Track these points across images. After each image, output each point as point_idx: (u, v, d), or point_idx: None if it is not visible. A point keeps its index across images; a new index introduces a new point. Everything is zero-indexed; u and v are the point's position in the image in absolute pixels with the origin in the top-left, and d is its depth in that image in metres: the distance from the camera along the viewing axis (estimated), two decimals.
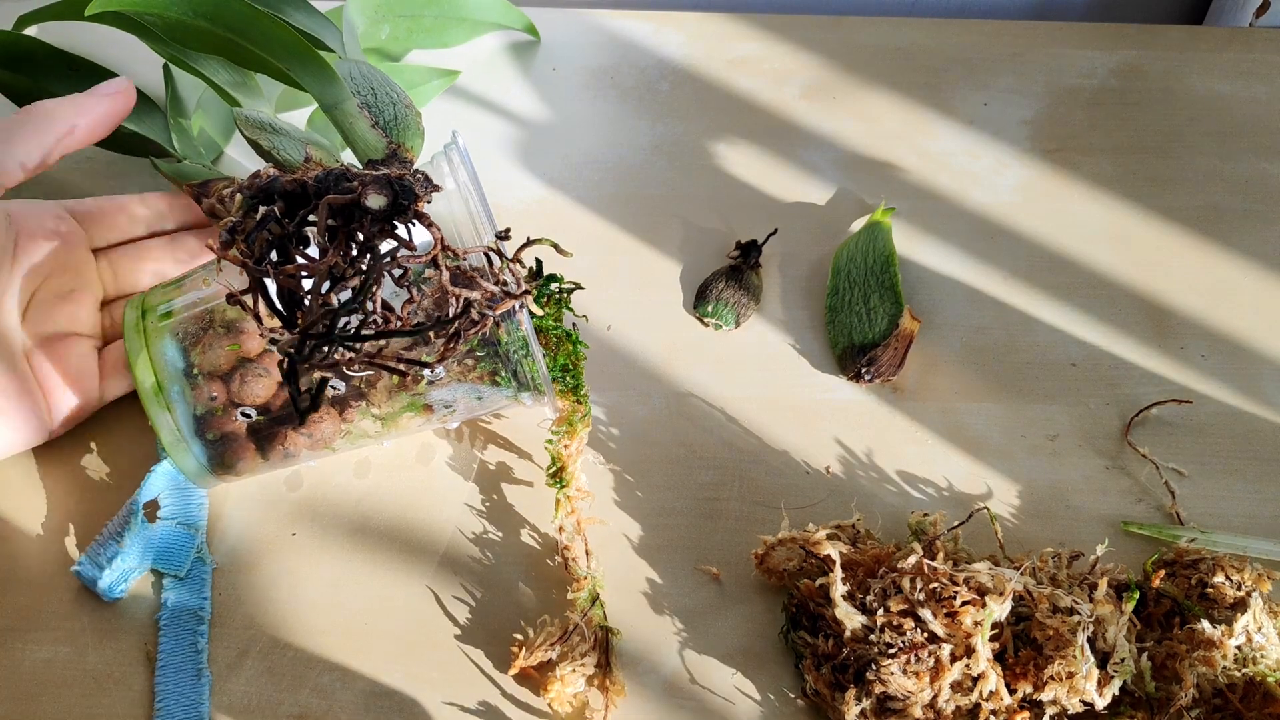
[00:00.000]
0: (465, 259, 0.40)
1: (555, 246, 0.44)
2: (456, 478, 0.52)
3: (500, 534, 0.51)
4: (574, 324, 0.52)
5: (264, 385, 0.45)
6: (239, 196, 0.39)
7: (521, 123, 0.67)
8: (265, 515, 0.51)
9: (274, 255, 0.38)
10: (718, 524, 0.51)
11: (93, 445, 0.53)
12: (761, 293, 0.59)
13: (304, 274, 0.38)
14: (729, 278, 0.58)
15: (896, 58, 0.70)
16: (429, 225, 0.39)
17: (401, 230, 0.39)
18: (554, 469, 0.49)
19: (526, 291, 0.42)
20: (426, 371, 0.46)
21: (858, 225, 0.62)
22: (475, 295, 0.40)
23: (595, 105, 0.68)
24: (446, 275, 0.40)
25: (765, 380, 0.56)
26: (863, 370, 0.55)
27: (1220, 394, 0.56)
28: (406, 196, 0.39)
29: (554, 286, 0.51)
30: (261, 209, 0.38)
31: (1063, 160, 0.65)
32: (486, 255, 0.42)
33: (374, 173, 0.39)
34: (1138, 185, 0.64)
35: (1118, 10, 0.80)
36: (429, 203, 0.40)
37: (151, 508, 0.49)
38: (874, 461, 0.53)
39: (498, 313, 0.41)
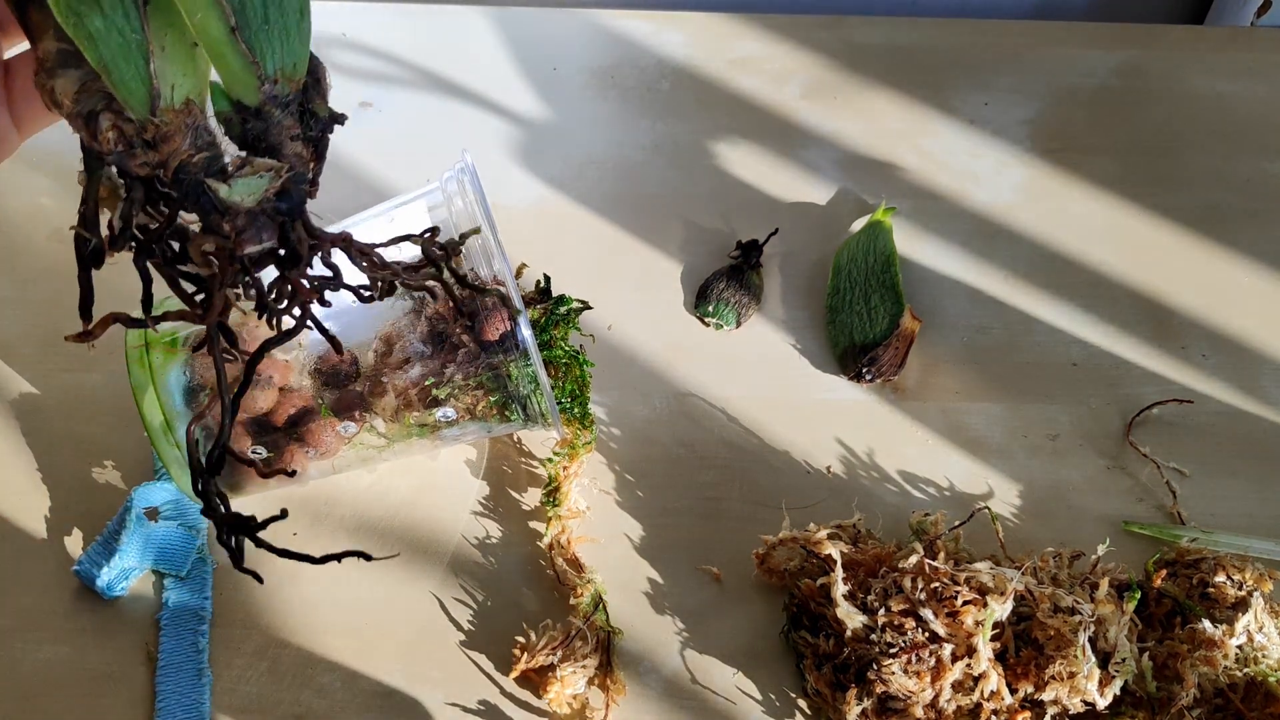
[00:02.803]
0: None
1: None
2: (462, 478, 0.52)
3: (504, 536, 0.51)
4: (581, 345, 0.52)
5: (266, 397, 0.45)
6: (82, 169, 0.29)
7: (522, 123, 0.67)
8: (266, 515, 0.51)
9: (152, 253, 0.29)
10: (718, 524, 0.51)
11: (93, 445, 0.53)
12: (762, 292, 0.59)
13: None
14: (730, 278, 0.58)
15: (897, 58, 0.70)
16: (329, 241, 0.31)
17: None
18: (550, 488, 0.50)
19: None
20: (438, 413, 0.46)
21: (858, 225, 0.62)
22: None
23: (596, 105, 0.68)
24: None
25: (766, 380, 0.56)
26: (863, 370, 0.55)
27: (1221, 394, 0.56)
28: (293, 225, 0.29)
29: (563, 309, 0.51)
30: (120, 208, 0.29)
31: (1063, 160, 0.65)
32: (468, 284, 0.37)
33: (245, 206, 0.28)
34: (1138, 185, 0.64)
35: (1118, 10, 0.80)
36: (314, 196, 0.31)
37: (153, 509, 0.49)
38: (875, 461, 0.53)
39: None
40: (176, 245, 0.29)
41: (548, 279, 0.52)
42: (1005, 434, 0.54)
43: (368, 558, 0.32)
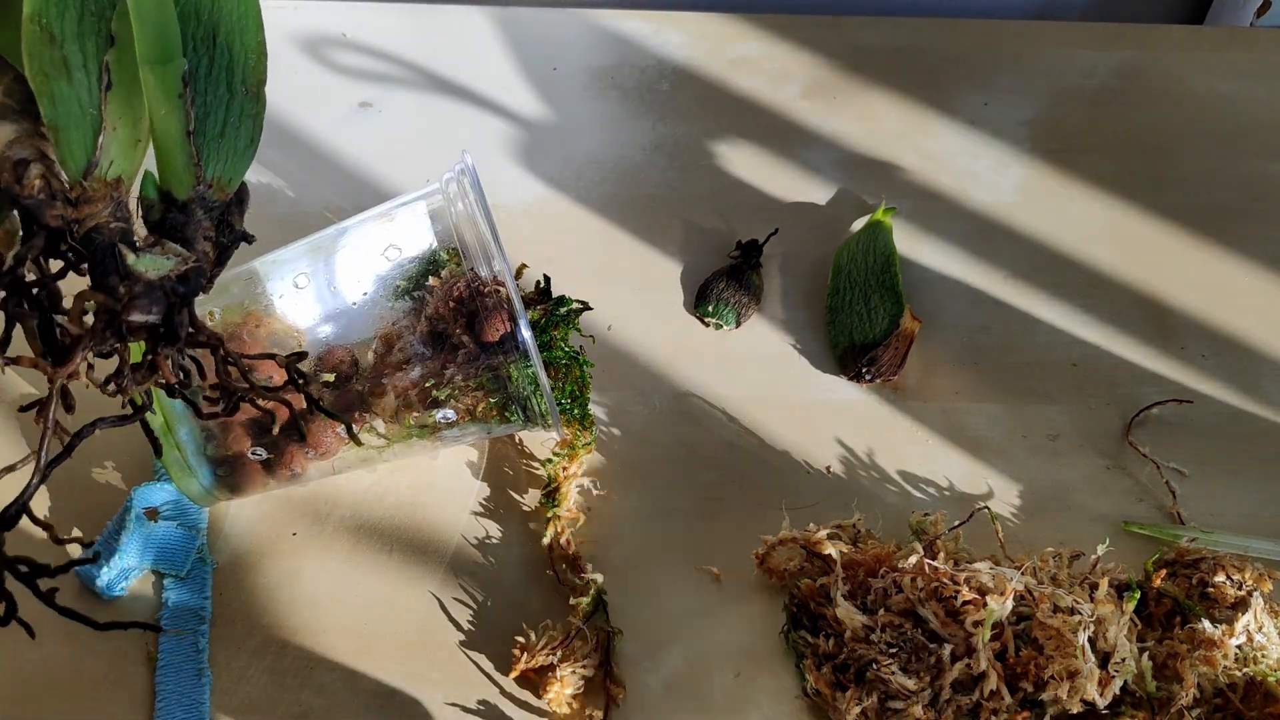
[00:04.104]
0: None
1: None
2: (461, 477, 0.52)
3: (504, 536, 0.51)
4: (580, 346, 0.52)
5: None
6: None
7: (522, 123, 0.67)
8: (266, 515, 0.51)
9: (19, 302, 0.31)
10: (718, 524, 0.51)
11: (93, 445, 0.52)
12: (762, 293, 0.59)
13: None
14: (730, 278, 0.58)
15: (897, 58, 0.70)
16: (206, 337, 0.33)
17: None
18: (549, 488, 0.50)
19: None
20: (438, 415, 0.46)
21: (858, 225, 0.62)
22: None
23: (596, 105, 0.68)
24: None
25: (766, 380, 0.56)
26: (863, 370, 0.55)
27: (1221, 394, 0.56)
28: (180, 310, 0.31)
29: (562, 310, 0.51)
30: (15, 249, 0.30)
31: (1063, 160, 0.65)
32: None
33: (147, 276, 0.30)
34: (1138, 185, 0.64)
35: (1118, 10, 0.80)
36: (206, 292, 0.33)
37: (153, 509, 0.49)
38: (875, 461, 0.53)
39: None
40: (44, 301, 0.31)
41: (548, 279, 0.52)
42: (1005, 434, 0.54)
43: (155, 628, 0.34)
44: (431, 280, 0.45)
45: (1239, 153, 0.65)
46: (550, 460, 0.50)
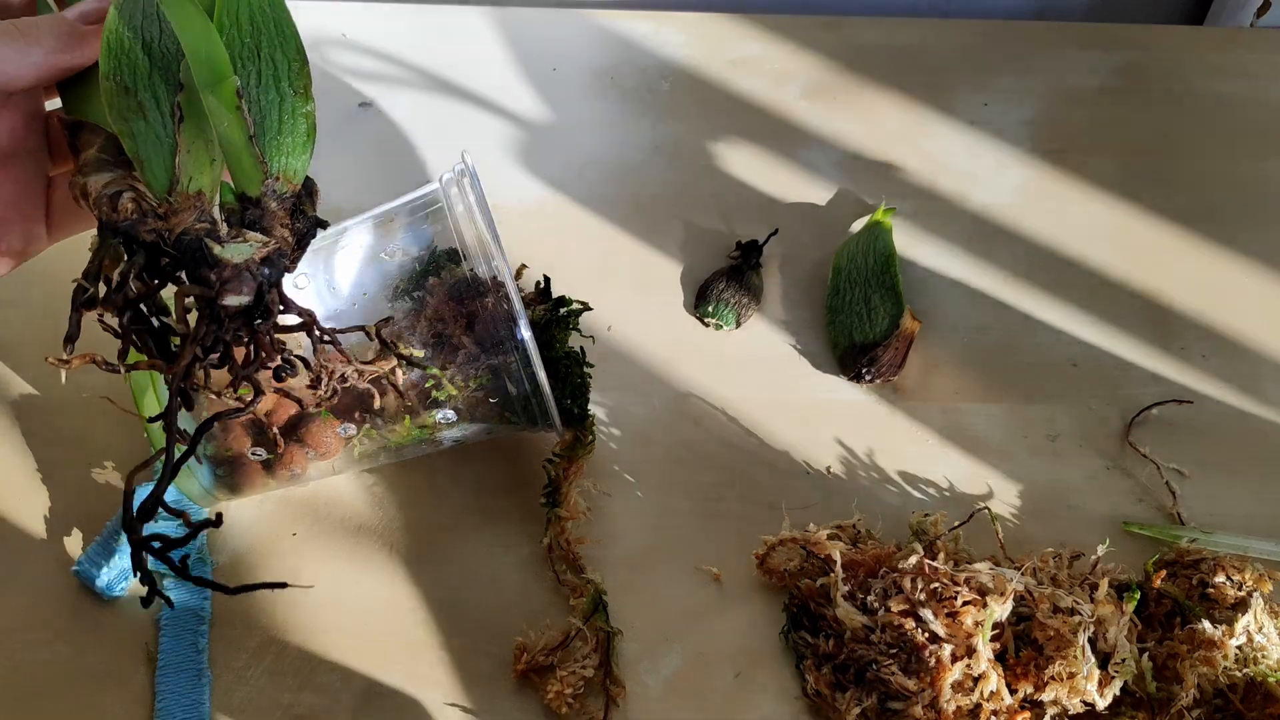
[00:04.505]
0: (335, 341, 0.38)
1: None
2: (461, 478, 0.52)
3: (504, 536, 0.51)
4: (580, 346, 0.52)
5: (266, 398, 0.45)
6: (95, 234, 0.35)
7: (522, 123, 0.67)
8: (266, 515, 0.51)
9: (132, 316, 0.35)
10: (718, 524, 0.51)
11: (93, 445, 0.53)
12: (762, 293, 0.59)
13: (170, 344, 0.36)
14: (729, 278, 0.58)
15: (897, 58, 0.70)
16: (296, 312, 0.37)
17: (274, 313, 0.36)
18: (549, 488, 0.50)
19: (392, 368, 0.40)
20: (438, 415, 0.46)
21: (858, 225, 0.62)
22: (349, 369, 0.39)
23: (596, 105, 0.68)
24: (319, 351, 0.38)
25: (766, 380, 0.56)
26: (863, 370, 0.55)
27: (1221, 394, 0.56)
28: (270, 290, 0.35)
29: (563, 310, 0.51)
30: (120, 267, 0.35)
31: (1063, 160, 0.65)
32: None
33: (234, 261, 0.34)
34: (1138, 185, 0.64)
35: (1118, 10, 0.79)
36: (291, 270, 0.36)
37: None
38: (875, 461, 0.53)
39: (366, 378, 0.39)
40: (151, 312, 0.35)
41: (548, 280, 0.52)
42: (1005, 434, 0.54)
43: (283, 586, 0.36)
44: (431, 280, 0.45)
45: (1239, 153, 0.65)
46: (550, 460, 0.50)
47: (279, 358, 0.36)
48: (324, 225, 0.38)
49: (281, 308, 0.36)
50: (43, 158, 0.40)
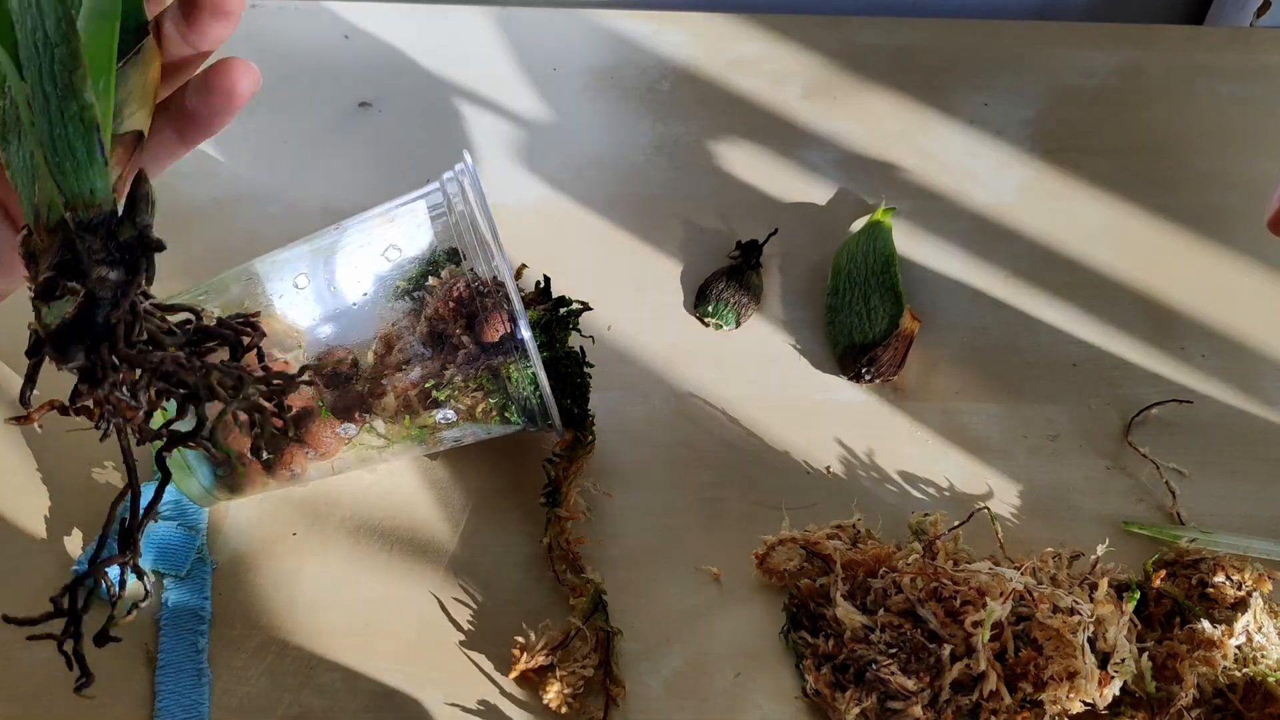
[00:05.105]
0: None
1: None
2: (462, 479, 0.52)
3: (504, 536, 0.51)
4: (580, 346, 0.52)
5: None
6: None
7: (522, 123, 0.67)
8: (266, 515, 0.51)
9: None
10: (718, 524, 0.51)
11: (93, 445, 0.53)
12: (762, 293, 0.59)
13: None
14: (729, 278, 0.58)
15: (897, 58, 0.70)
16: (146, 358, 0.29)
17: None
18: (549, 488, 0.50)
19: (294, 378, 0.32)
20: (438, 415, 0.46)
21: (858, 225, 0.62)
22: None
23: (596, 105, 0.68)
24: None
25: (766, 380, 0.56)
26: (863, 370, 0.55)
27: (1221, 394, 0.56)
28: (103, 346, 0.29)
29: (563, 310, 0.51)
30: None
31: (1063, 160, 0.65)
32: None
33: (52, 329, 0.28)
34: (1138, 185, 0.64)
35: (1118, 10, 0.79)
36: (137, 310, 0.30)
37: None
38: (874, 461, 0.53)
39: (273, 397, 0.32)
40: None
41: (548, 279, 0.52)
42: (1005, 434, 0.54)
43: None
44: (431, 280, 0.45)
45: (1239, 153, 0.65)
46: (550, 460, 0.50)
47: (144, 394, 0.30)
48: (153, 243, 0.30)
49: (124, 357, 0.29)
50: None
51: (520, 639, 0.46)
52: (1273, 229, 0.44)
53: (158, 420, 0.31)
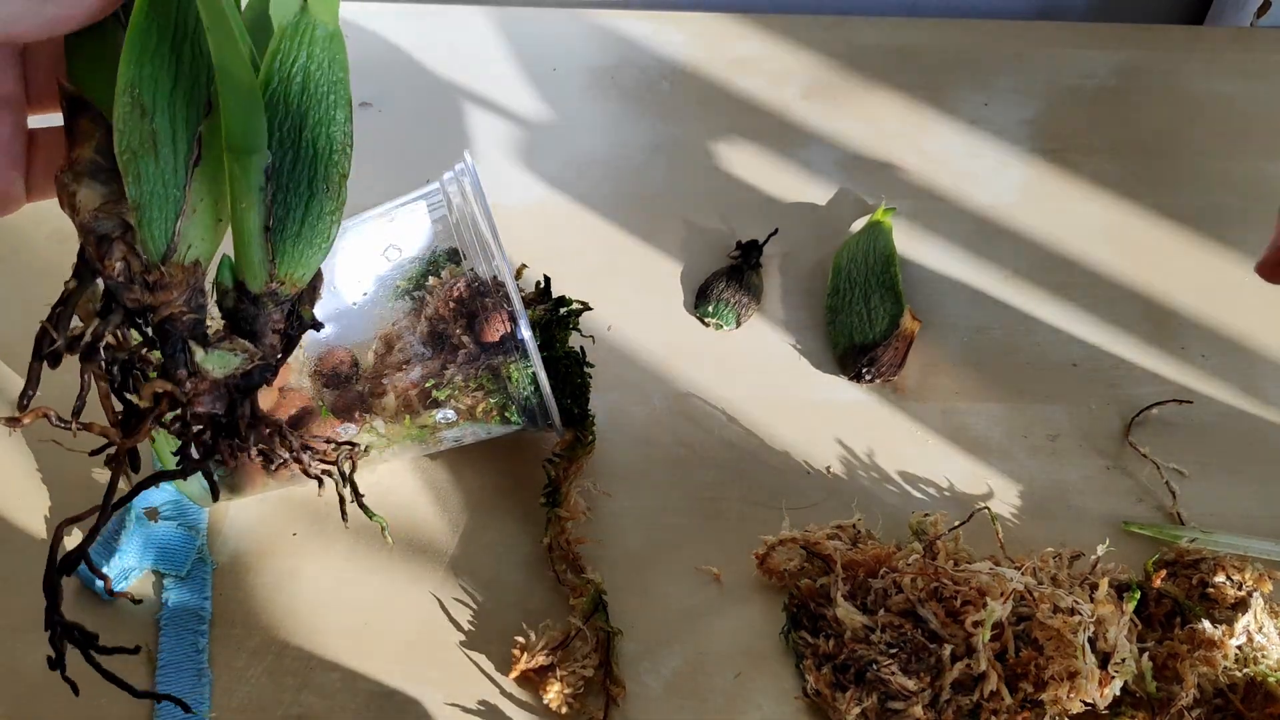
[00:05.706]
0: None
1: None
2: (462, 478, 0.52)
3: (504, 536, 0.51)
4: (580, 346, 0.52)
5: (265, 397, 0.45)
6: (75, 284, 0.31)
7: (522, 122, 0.67)
8: (266, 515, 0.51)
9: (98, 371, 0.32)
10: (718, 524, 0.51)
11: (94, 445, 0.52)
12: (762, 293, 0.59)
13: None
14: (729, 278, 0.58)
15: (897, 58, 0.70)
16: (265, 423, 0.34)
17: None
18: (549, 488, 0.50)
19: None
20: (438, 415, 0.46)
21: (858, 225, 0.62)
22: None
23: (596, 105, 0.68)
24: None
25: (766, 380, 0.56)
26: (863, 370, 0.55)
27: (1220, 394, 0.56)
28: (242, 403, 0.32)
29: (563, 310, 0.51)
30: (94, 324, 0.31)
31: (1063, 160, 0.65)
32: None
33: (213, 375, 0.31)
34: (1138, 185, 0.64)
35: (1118, 10, 0.80)
36: (270, 384, 0.33)
37: (153, 509, 0.49)
38: (875, 461, 0.53)
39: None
40: (122, 372, 0.32)
41: (548, 280, 0.52)
42: (1005, 434, 0.54)
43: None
44: (431, 280, 0.45)
45: (1239, 153, 0.65)
46: (550, 460, 0.50)
47: (233, 454, 0.33)
48: (318, 327, 0.34)
49: (251, 420, 0.32)
50: (19, 108, 0.33)
51: (520, 639, 0.46)
52: (1260, 273, 0.45)
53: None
